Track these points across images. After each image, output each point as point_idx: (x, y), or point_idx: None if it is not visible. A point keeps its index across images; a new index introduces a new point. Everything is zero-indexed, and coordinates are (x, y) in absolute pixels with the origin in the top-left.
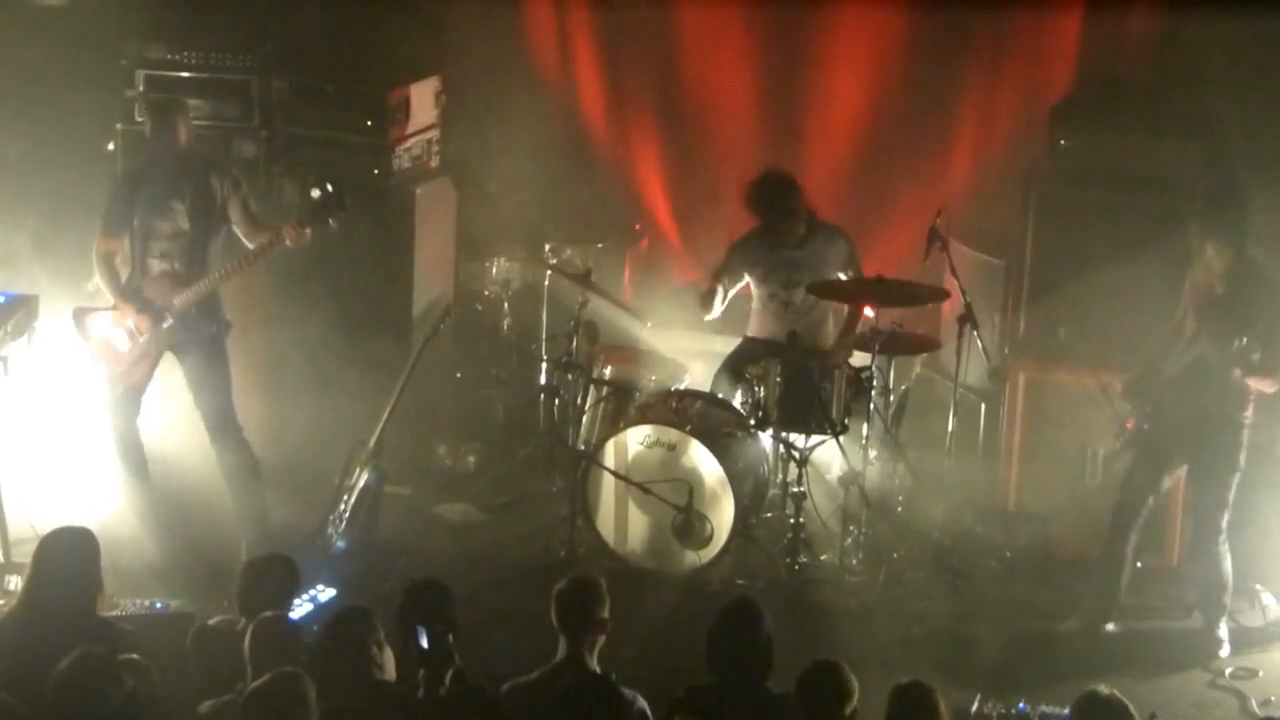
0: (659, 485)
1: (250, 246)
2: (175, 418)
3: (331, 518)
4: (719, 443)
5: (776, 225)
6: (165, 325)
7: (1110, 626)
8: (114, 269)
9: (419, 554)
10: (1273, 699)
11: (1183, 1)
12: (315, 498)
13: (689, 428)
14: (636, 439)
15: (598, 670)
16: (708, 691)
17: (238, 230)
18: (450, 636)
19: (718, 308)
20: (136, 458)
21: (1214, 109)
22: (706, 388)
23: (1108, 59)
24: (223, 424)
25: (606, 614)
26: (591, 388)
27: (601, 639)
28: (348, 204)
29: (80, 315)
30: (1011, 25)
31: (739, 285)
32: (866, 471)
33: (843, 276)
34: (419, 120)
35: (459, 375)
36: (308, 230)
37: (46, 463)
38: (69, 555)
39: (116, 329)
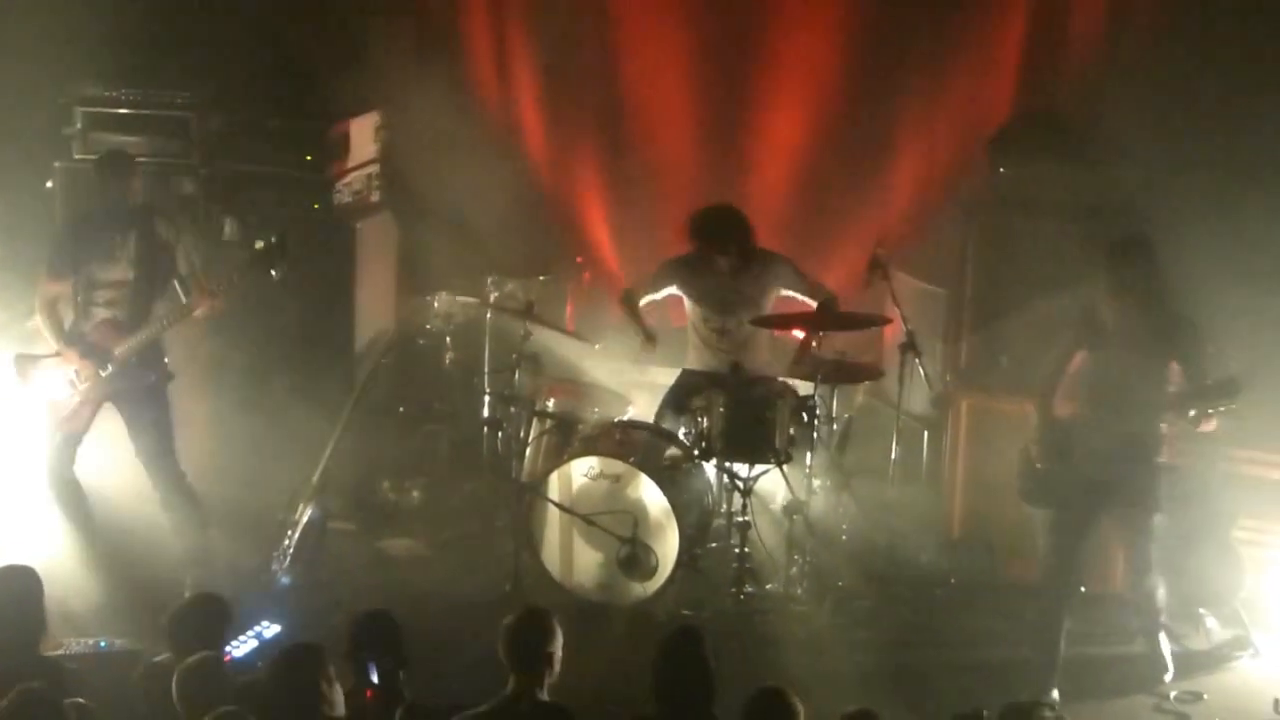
0: (604, 517)
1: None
2: (119, 457)
3: (276, 554)
4: (663, 474)
5: (721, 256)
6: (105, 374)
7: (1055, 695)
8: (57, 314)
9: (364, 589)
10: None
11: (1119, 32)
12: (259, 534)
13: (633, 459)
14: (581, 471)
15: (547, 700)
16: None
17: (178, 285)
18: (401, 673)
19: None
20: (75, 501)
21: (1149, 138)
22: (649, 419)
23: (1046, 88)
24: (164, 469)
25: (557, 648)
26: (535, 420)
27: (551, 672)
28: (290, 253)
29: (21, 362)
30: (950, 56)
31: (662, 293)
32: (811, 501)
33: (791, 294)
34: (359, 155)
35: (402, 410)
36: (223, 304)
37: None
38: (11, 595)
39: (56, 377)
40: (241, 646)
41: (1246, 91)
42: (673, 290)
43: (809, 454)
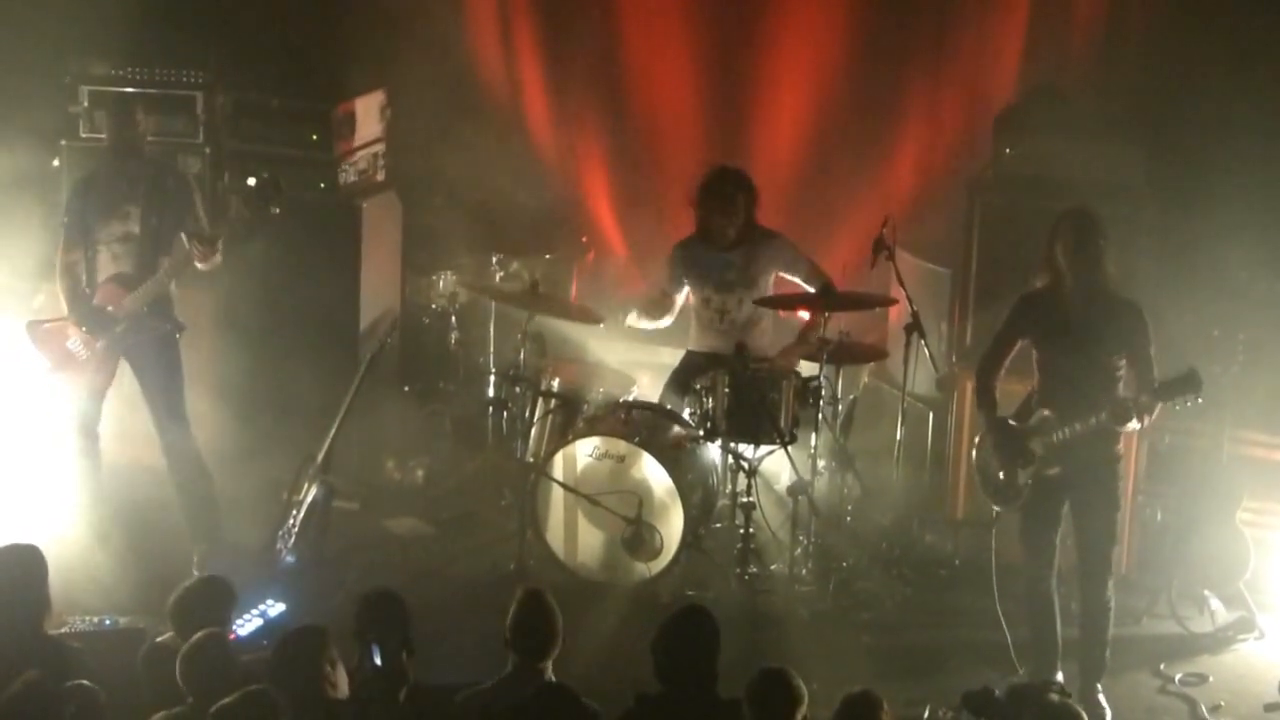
0: (608, 497)
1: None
2: (130, 432)
3: (280, 533)
4: (668, 454)
5: (708, 219)
6: (119, 330)
7: (1060, 676)
8: (77, 278)
9: (368, 568)
10: (1222, 704)
11: (1125, 9)
12: (264, 513)
13: (637, 439)
14: (585, 451)
15: (554, 680)
16: (658, 700)
17: (184, 237)
18: (405, 654)
19: (673, 311)
20: (96, 465)
21: (1155, 116)
22: (654, 399)
23: (1051, 67)
24: (177, 431)
25: (560, 629)
26: (540, 400)
27: (555, 652)
28: (285, 190)
29: (34, 328)
30: (955, 34)
31: (681, 291)
32: (815, 481)
33: (789, 276)
34: (364, 134)
35: (407, 389)
36: (218, 253)
37: None
38: (15, 573)
39: (72, 337)
40: (246, 625)
41: (1254, 67)
42: (684, 285)
43: (813, 435)
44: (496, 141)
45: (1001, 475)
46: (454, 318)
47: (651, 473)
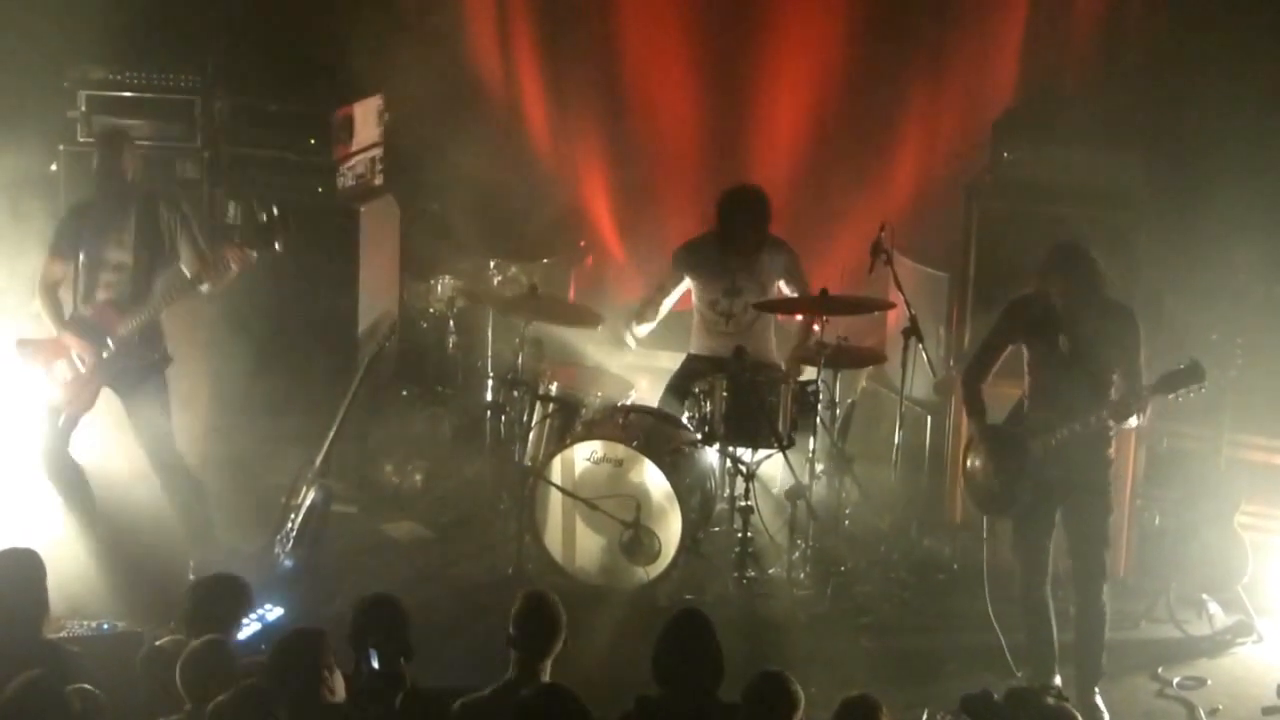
0: (606, 501)
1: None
2: (120, 440)
3: (279, 537)
4: (666, 458)
5: (734, 239)
6: (106, 355)
7: (1058, 680)
8: (57, 299)
9: (367, 572)
10: (1220, 708)
11: (1122, 15)
12: (262, 517)
13: (636, 443)
14: (583, 455)
15: (551, 683)
16: (657, 702)
17: (183, 265)
18: (403, 659)
19: (660, 314)
20: (74, 479)
21: (1153, 121)
22: (652, 403)
23: (1049, 72)
24: (164, 452)
25: (563, 626)
26: (538, 404)
27: (557, 649)
28: (292, 228)
29: (23, 345)
30: (954, 39)
31: (679, 290)
32: (813, 485)
33: (784, 288)
34: (362, 138)
35: (405, 393)
36: (253, 253)
37: None
38: (13, 577)
39: (59, 358)
40: (244, 629)
41: (1253, 72)
42: (686, 284)
43: (811, 439)
44: (495, 146)
45: (998, 482)
46: (452, 322)
47: (650, 477)
